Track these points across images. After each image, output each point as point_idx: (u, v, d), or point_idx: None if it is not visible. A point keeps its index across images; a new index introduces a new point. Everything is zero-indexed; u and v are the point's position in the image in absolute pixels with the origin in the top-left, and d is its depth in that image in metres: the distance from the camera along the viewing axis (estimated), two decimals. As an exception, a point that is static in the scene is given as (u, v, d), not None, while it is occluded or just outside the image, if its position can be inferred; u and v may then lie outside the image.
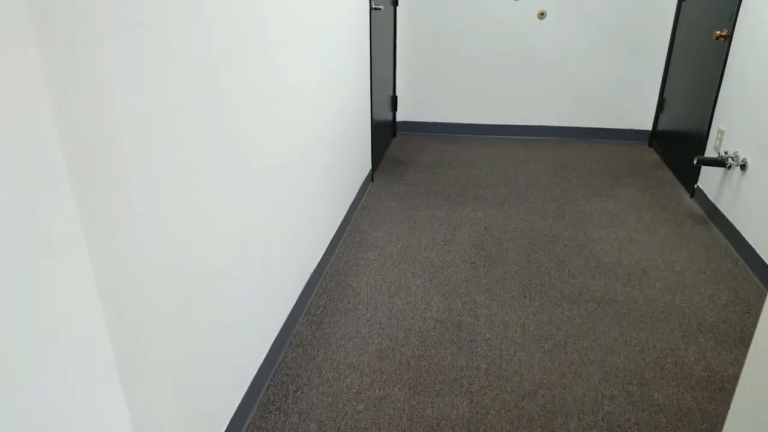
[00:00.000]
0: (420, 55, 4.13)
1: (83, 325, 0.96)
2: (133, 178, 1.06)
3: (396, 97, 4.24)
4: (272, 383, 1.86)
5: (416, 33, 4.07)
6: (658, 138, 3.99)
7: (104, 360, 1.02)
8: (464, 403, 1.77)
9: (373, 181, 3.47)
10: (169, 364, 1.24)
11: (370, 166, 3.40)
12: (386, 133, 4.00)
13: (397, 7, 3.99)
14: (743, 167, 2.69)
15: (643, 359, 1.95)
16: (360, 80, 2.99)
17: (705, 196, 3.06)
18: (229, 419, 1.59)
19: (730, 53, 2.91)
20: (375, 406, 1.76)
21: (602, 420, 1.70)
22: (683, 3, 3.67)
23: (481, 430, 1.67)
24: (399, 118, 4.35)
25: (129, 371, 1.09)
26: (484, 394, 1.81)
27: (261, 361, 1.80)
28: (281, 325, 1.98)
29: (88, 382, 0.98)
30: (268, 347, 1.87)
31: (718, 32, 2.96)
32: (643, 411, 1.73)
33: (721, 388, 1.82)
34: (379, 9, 3.24)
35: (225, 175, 1.46)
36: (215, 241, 1.43)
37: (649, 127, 4.13)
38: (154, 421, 1.20)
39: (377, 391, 1.83)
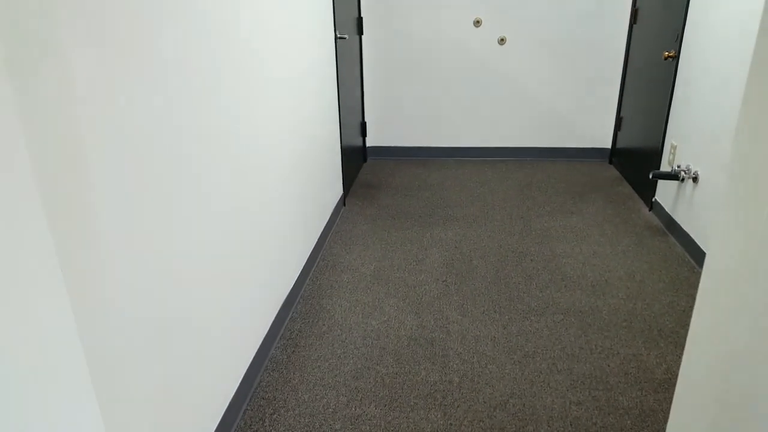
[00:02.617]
0: (387, 81, 4.26)
1: (60, 360, 0.99)
2: (104, 208, 1.11)
3: (365, 122, 4.34)
4: (249, 407, 1.88)
5: (382, 61, 4.20)
6: (617, 155, 4.16)
7: (80, 385, 1.05)
8: (438, 416, 1.82)
9: (345, 205, 3.53)
10: (142, 392, 1.27)
11: (341, 191, 3.46)
12: (357, 158, 4.09)
13: (363, 36, 4.11)
14: (695, 179, 2.83)
15: (608, 365, 2.03)
16: (328, 107, 3.08)
17: (662, 208, 3.21)
18: (207, 443, 1.60)
19: (678, 72, 3.09)
20: (351, 424, 1.80)
21: (570, 425, 1.77)
22: (634, 26, 3.87)
23: (454, 441, 1.72)
24: (369, 143, 4.44)
25: (104, 399, 1.12)
26: (458, 406, 1.86)
27: (236, 386, 1.83)
28: (256, 350, 2.00)
29: (65, 406, 1.01)
30: (243, 372, 1.89)
31: (666, 53, 3.14)
32: (609, 414, 1.80)
33: (682, 390, 1.91)
34: (344, 38, 3.35)
35: (195, 200, 1.51)
36: (187, 267, 1.47)
37: (608, 145, 4.30)
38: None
39: (353, 409, 1.86)
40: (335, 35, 3.15)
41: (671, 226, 3.06)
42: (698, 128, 2.82)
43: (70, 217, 1.00)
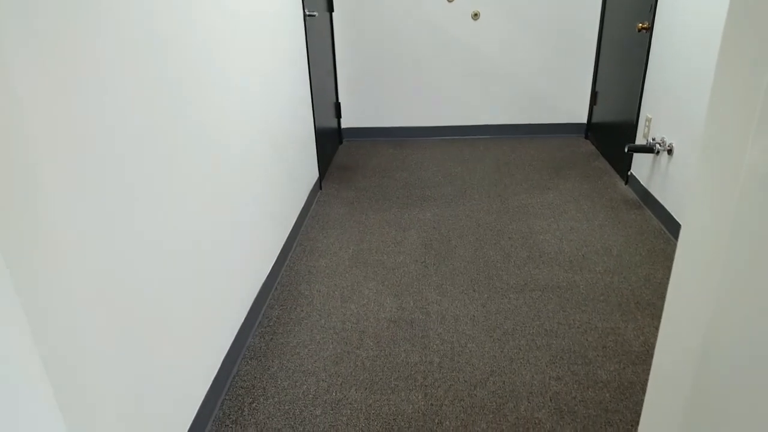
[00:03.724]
0: (360, 60, 4.19)
1: (14, 366, 0.95)
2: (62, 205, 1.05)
3: (339, 103, 4.28)
4: (227, 397, 1.85)
5: (354, 39, 4.12)
6: (593, 130, 4.16)
7: (40, 388, 1.01)
8: (419, 397, 1.81)
9: (321, 188, 3.48)
10: (111, 386, 1.23)
11: (317, 175, 3.41)
12: (332, 140, 4.03)
13: (333, 13, 4.03)
14: (670, 152, 2.84)
15: (586, 340, 2.04)
16: (299, 88, 3.01)
17: (638, 181, 3.22)
18: (184, 436, 1.57)
19: (652, 44, 3.08)
20: (332, 409, 1.78)
21: (550, 400, 1.77)
22: None
23: (436, 421, 1.71)
24: (344, 124, 4.38)
25: (66, 394, 1.08)
26: (438, 386, 1.85)
27: (213, 377, 1.79)
28: (232, 339, 1.97)
29: (28, 418, 0.97)
30: (220, 362, 1.86)
31: (640, 25, 3.12)
32: (588, 388, 1.81)
33: (659, 361, 1.92)
34: (314, 16, 3.27)
35: (164, 189, 1.46)
36: (157, 256, 1.42)
37: (584, 120, 4.30)
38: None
39: (334, 394, 1.84)
40: (304, 13, 3.08)
41: (647, 198, 3.08)
42: (673, 100, 2.82)
43: (14, 216, 0.95)
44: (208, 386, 1.75)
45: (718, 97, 0.82)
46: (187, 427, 1.60)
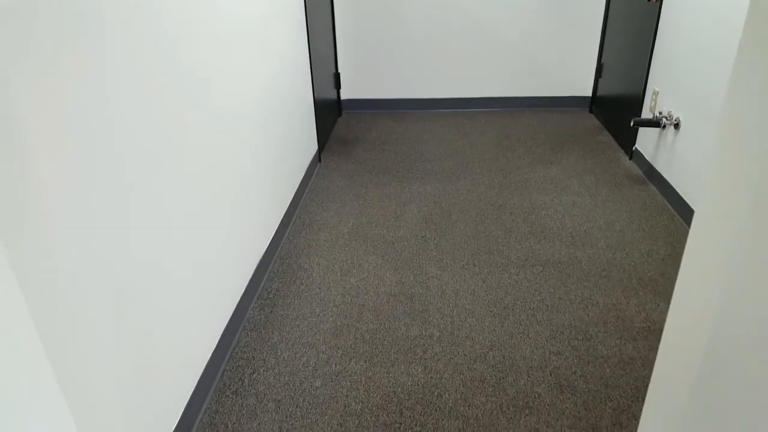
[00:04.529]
0: (360, 30, 4.10)
1: (11, 332, 0.93)
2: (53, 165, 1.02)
3: (339, 74, 4.20)
4: (227, 368, 1.85)
5: (355, 7, 4.03)
6: (598, 103, 4.10)
7: (39, 365, 0.99)
8: (419, 370, 1.81)
9: (320, 161, 3.44)
10: (110, 360, 1.22)
11: (316, 147, 3.37)
12: (331, 112, 3.97)
13: (335, -17, 3.93)
14: (677, 126, 2.79)
15: (587, 315, 2.03)
16: (298, 58, 2.95)
17: (643, 157, 3.18)
18: (183, 407, 1.57)
19: (661, 15, 3.00)
20: (332, 381, 1.78)
21: (550, 375, 1.77)
22: (615, -31, 3.75)
23: (435, 394, 1.71)
24: (344, 96, 4.31)
25: (66, 373, 1.07)
26: (438, 360, 1.85)
27: (213, 348, 1.79)
28: (232, 311, 1.96)
29: (24, 389, 0.95)
30: (220, 334, 1.85)
31: (649, -5, 3.05)
32: (588, 363, 1.81)
33: (660, 337, 1.91)
34: (315, -15, 3.19)
35: (160, 161, 1.42)
36: (154, 229, 1.40)
37: (589, 93, 4.23)
38: (99, 420, 1.17)
39: (334, 366, 1.84)
40: (305, -19, 3.00)
41: (651, 174, 3.04)
42: (681, 73, 2.77)
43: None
44: (209, 357, 1.75)
45: (740, 75, 0.78)
46: (188, 398, 1.60)
